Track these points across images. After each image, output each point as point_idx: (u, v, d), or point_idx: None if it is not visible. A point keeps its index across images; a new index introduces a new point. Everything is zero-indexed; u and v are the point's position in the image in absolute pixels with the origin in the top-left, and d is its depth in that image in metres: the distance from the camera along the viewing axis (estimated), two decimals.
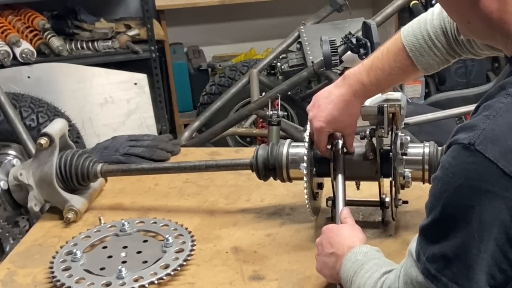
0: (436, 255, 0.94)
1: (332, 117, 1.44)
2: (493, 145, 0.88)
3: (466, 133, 0.91)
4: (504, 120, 0.90)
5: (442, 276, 0.93)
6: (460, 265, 0.92)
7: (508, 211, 0.88)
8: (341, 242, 1.26)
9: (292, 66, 3.07)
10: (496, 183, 0.87)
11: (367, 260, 1.17)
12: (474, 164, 0.88)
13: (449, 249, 0.92)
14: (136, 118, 3.66)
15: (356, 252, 1.20)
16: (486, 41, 1.08)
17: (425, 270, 0.96)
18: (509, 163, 0.87)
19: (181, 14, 4.20)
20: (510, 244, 0.90)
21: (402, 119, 1.45)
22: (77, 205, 1.67)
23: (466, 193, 0.89)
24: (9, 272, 1.48)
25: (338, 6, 3.11)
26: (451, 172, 0.91)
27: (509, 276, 0.93)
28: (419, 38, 1.38)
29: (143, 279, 1.37)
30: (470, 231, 0.90)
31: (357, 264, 1.17)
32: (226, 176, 1.82)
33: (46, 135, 1.64)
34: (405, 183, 1.47)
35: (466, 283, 0.92)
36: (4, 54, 3.53)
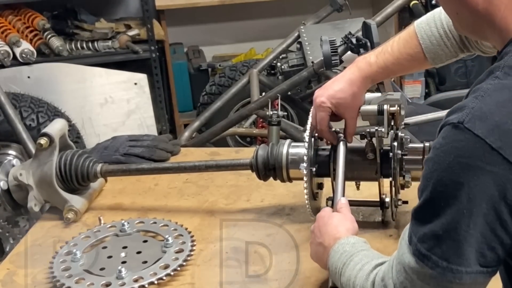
0: (426, 234, 0.94)
1: (334, 93, 1.44)
2: (481, 122, 0.89)
3: (456, 114, 0.93)
4: (492, 99, 0.91)
5: (433, 254, 0.93)
6: (450, 242, 0.92)
7: (496, 186, 0.89)
8: (327, 232, 1.25)
9: (292, 66, 3.07)
10: (484, 159, 0.88)
11: (355, 251, 1.16)
12: (463, 141, 0.90)
13: (439, 227, 0.93)
14: (136, 118, 3.66)
15: (343, 243, 1.19)
16: (476, 35, 1.09)
17: (416, 251, 0.96)
18: (496, 139, 0.88)
19: (181, 14, 4.20)
20: (499, 221, 0.90)
21: (402, 119, 1.45)
22: (77, 205, 1.67)
23: (455, 170, 0.90)
24: (9, 272, 1.48)
25: (338, 6, 3.11)
26: (441, 151, 0.92)
27: (498, 254, 0.93)
28: (432, 25, 1.40)
29: (143, 279, 1.37)
30: (460, 208, 0.90)
31: (346, 256, 1.16)
32: (226, 176, 1.82)
33: (46, 135, 1.64)
34: (405, 183, 1.47)
35: (455, 260, 0.92)
36: (4, 54, 3.53)
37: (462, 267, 0.92)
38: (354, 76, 1.45)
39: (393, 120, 1.43)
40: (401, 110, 1.43)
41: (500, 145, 0.88)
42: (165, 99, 3.96)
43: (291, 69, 3.05)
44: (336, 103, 1.44)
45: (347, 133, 1.48)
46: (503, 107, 0.90)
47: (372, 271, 1.09)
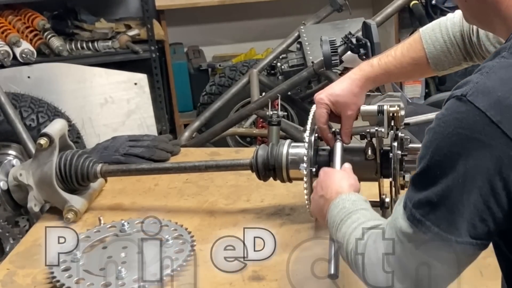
0: (422, 200, 0.96)
1: (333, 90, 1.47)
2: (483, 96, 0.91)
3: (461, 88, 0.95)
4: (496, 75, 0.93)
5: (426, 220, 0.95)
6: (443, 209, 0.94)
7: (493, 160, 0.90)
8: (330, 186, 1.26)
9: (292, 66, 3.06)
10: (483, 132, 0.90)
11: (355, 209, 1.17)
12: (464, 113, 0.92)
13: (434, 195, 0.94)
14: (136, 118, 3.66)
15: (344, 199, 1.20)
16: (483, 25, 1.10)
17: (410, 216, 0.98)
18: (497, 113, 0.90)
19: (181, 14, 4.20)
20: (493, 194, 0.92)
21: (402, 119, 1.45)
22: (77, 205, 1.67)
23: (454, 141, 0.92)
24: (9, 272, 1.48)
25: (338, 6, 3.11)
26: (442, 122, 0.94)
27: (489, 227, 0.94)
28: (437, 31, 1.42)
29: (143, 279, 1.37)
30: (455, 178, 0.92)
31: (344, 212, 1.17)
32: (226, 176, 1.82)
33: (46, 135, 1.64)
34: (405, 183, 1.47)
35: (447, 227, 0.94)
36: (4, 54, 3.53)
37: (452, 236, 0.94)
38: (354, 76, 1.47)
39: (393, 120, 1.43)
40: (401, 110, 1.43)
41: (500, 119, 0.90)
42: (165, 99, 3.96)
43: (291, 69, 3.05)
44: (334, 101, 1.46)
45: (342, 132, 1.49)
46: (506, 84, 0.91)
47: (367, 232, 1.10)
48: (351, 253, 1.09)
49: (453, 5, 4.20)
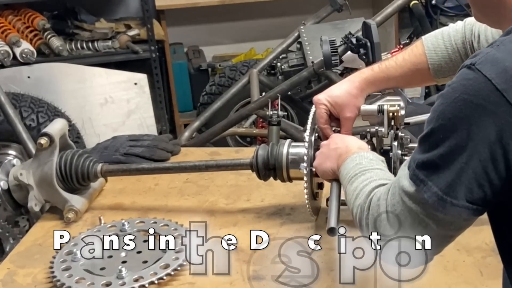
0: (425, 162, 1.00)
1: (331, 92, 1.48)
2: (491, 65, 0.94)
3: (472, 58, 0.98)
4: (505, 48, 0.96)
5: (428, 180, 0.99)
6: (445, 171, 0.97)
7: (495, 127, 0.93)
8: (349, 142, 1.33)
9: (292, 66, 3.06)
10: (488, 99, 0.93)
11: (370, 167, 1.21)
12: (472, 80, 0.95)
13: (437, 157, 0.98)
14: (136, 118, 3.66)
15: (362, 156, 1.25)
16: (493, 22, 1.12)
17: (413, 176, 1.01)
18: (503, 81, 0.93)
19: (181, 14, 4.20)
20: (492, 160, 0.94)
21: (402, 119, 1.45)
22: (77, 205, 1.67)
23: (460, 106, 0.95)
24: (9, 272, 1.48)
25: (338, 6, 3.11)
26: (451, 88, 0.97)
27: (485, 193, 0.97)
28: (439, 38, 1.44)
29: (143, 279, 1.37)
30: (458, 142, 0.95)
31: (360, 168, 1.22)
32: (226, 176, 1.82)
33: (46, 135, 1.64)
34: None
35: (445, 188, 0.97)
36: (4, 54, 3.53)
37: (449, 198, 0.97)
38: (354, 78, 1.49)
39: (393, 120, 1.43)
40: (401, 110, 1.43)
41: (505, 87, 0.92)
42: (165, 99, 3.96)
43: (291, 69, 3.05)
44: (332, 102, 1.47)
45: (342, 133, 1.49)
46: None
47: (374, 190, 1.14)
48: (358, 208, 1.14)
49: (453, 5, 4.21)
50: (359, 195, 1.16)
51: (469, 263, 1.40)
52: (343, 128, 1.49)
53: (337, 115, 1.48)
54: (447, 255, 1.39)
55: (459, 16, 4.25)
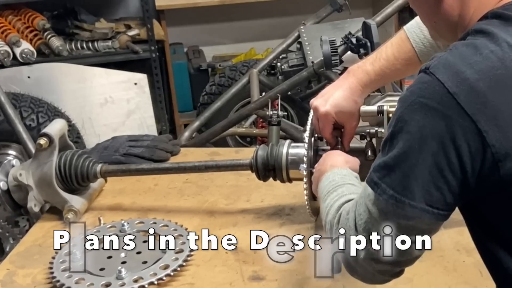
0: (380, 164, 1.01)
1: (337, 102, 1.46)
2: (444, 69, 0.97)
3: (428, 62, 1.00)
4: (457, 51, 0.99)
5: (382, 183, 0.99)
6: (398, 172, 0.98)
7: (447, 128, 0.95)
8: (327, 160, 1.31)
9: (292, 66, 3.06)
10: (441, 101, 0.95)
11: (342, 183, 1.21)
12: (426, 83, 0.97)
13: (391, 159, 0.99)
14: (136, 118, 3.66)
15: (335, 173, 1.24)
16: (450, 39, 1.13)
17: (369, 180, 1.02)
18: (453, 84, 0.95)
19: (181, 14, 4.20)
20: (447, 161, 0.95)
21: None
22: (76, 206, 1.67)
23: (414, 108, 0.97)
24: (9, 273, 1.48)
25: (338, 6, 3.11)
26: (408, 92, 1.00)
27: (445, 196, 0.97)
28: (423, 29, 1.43)
29: (143, 279, 1.37)
30: (411, 143, 0.97)
31: (332, 185, 1.21)
32: (226, 176, 1.82)
33: (45, 135, 1.64)
34: None
35: (401, 190, 0.98)
36: (4, 54, 3.53)
37: (405, 199, 0.97)
38: (353, 85, 1.47)
39: None
40: None
41: (456, 91, 0.95)
42: (165, 99, 3.96)
43: (291, 69, 3.05)
44: (339, 113, 1.46)
45: (345, 140, 1.50)
46: (465, 59, 0.97)
47: (343, 204, 1.13)
48: (328, 224, 1.13)
49: None
50: (330, 211, 1.14)
51: (469, 263, 1.39)
52: (347, 136, 1.50)
53: (342, 123, 1.49)
54: (447, 256, 1.39)
55: None
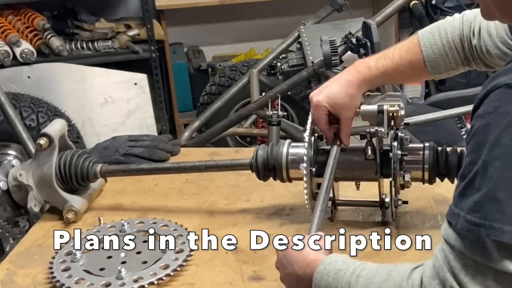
0: (478, 202, 0.87)
1: (330, 92, 1.45)
2: None
3: (505, 76, 0.90)
4: None
5: (489, 221, 0.86)
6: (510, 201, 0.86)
7: None
8: (294, 258, 1.15)
9: (292, 66, 3.07)
10: None
11: (356, 266, 1.06)
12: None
13: (498, 191, 0.86)
14: (136, 118, 3.66)
15: (331, 262, 1.09)
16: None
17: (466, 224, 0.88)
18: None
19: (181, 14, 4.20)
20: None
21: (402, 119, 1.45)
22: (77, 206, 1.67)
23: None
24: (9, 272, 1.48)
25: (338, 6, 3.11)
26: (497, 113, 0.88)
27: None
28: (436, 34, 1.41)
29: (143, 279, 1.37)
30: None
31: (347, 274, 1.05)
32: (226, 176, 1.82)
33: (45, 135, 1.64)
34: (405, 183, 1.47)
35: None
36: (4, 54, 3.53)
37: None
38: (352, 77, 1.46)
39: (393, 120, 1.43)
40: (401, 110, 1.43)
41: None
42: (165, 99, 3.96)
43: (291, 69, 3.05)
44: (332, 103, 1.45)
45: (342, 133, 1.49)
46: None
47: (410, 276, 0.98)
48: None
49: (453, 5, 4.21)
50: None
51: None
52: (343, 129, 1.48)
53: (337, 115, 1.48)
54: None
55: None
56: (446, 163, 1.46)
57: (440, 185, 1.52)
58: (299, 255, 1.15)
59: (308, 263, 1.12)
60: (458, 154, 1.46)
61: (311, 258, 1.12)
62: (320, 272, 1.08)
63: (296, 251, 1.15)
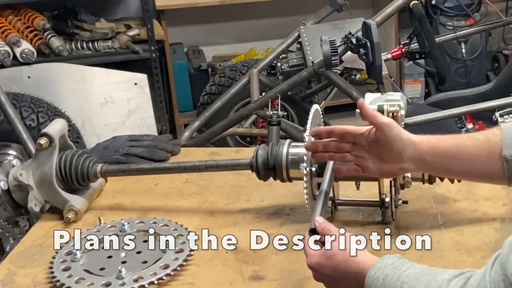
0: None
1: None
2: None
3: None
4: None
5: None
6: None
7: None
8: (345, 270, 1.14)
9: (292, 66, 3.07)
10: None
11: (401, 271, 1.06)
12: None
13: None
14: (136, 118, 3.66)
15: (382, 267, 1.09)
16: None
17: None
18: None
19: (181, 14, 4.20)
20: None
21: (402, 119, 1.45)
22: (77, 205, 1.67)
23: None
24: (9, 272, 1.48)
25: (338, 6, 3.11)
26: None
27: None
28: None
29: (143, 279, 1.37)
30: None
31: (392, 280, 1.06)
32: (226, 176, 1.82)
33: (45, 135, 1.64)
34: (405, 183, 1.47)
35: None
36: (4, 54, 3.53)
37: None
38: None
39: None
40: (401, 110, 1.43)
41: None
42: (165, 99, 3.97)
43: (291, 69, 3.06)
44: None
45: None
46: None
47: (449, 283, 0.98)
48: None
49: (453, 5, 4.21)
50: None
51: (469, 263, 1.39)
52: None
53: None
54: (447, 256, 1.39)
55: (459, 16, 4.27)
56: None
57: (440, 185, 1.52)
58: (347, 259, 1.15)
59: (357, 267, 1.13)
60: None
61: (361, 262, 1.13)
62: (371, 276, 1.09)
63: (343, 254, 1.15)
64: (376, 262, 1.11)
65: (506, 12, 4.16)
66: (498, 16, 3.69)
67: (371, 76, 2.55)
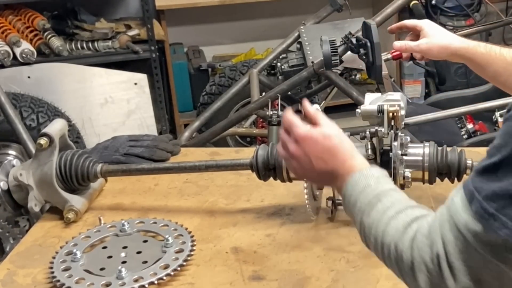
0: (496, 192, 0.83)
1: None
2: None
3: None
4: None
5: (502, 215, 0.82)
6: None
7: None
8: (337, 156, 1.10)
9: (292, 66, 3.07)
10: None
11: (383, 190, 1.04)
12: None
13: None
14: (136, 118, 3.66)
15: (366, 176, 1.06)
16: None
17: (480, 210, 0.84)
18: None
19: (181, 14, 4.20)
20: None
21: (402, 119, 1.45)
22: (77, 205, 1.67)
23: None
24: (9, 272, 1.48)
25: (338, 6, 3.11)
26: None
27: None
28: None
29: (143, 279, 1.37)
30: None
31: (371, 193, 1.04)
32: (226, 176, 1.82)
33: (45, 135, 1.64)
34: (405, 183, 1.47)
35: None
36: (4, 54, 3.53)
37: None
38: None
39: (393, 120, 1.43)
40: (401, 110, 1.43)
41: None
42: (165, 99, 3.96)
43: (291, 69, 3.05)
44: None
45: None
46: None
47: (410, 224, 0.96)
48: (391, 246, 0.96)
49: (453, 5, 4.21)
50: (388, 231, 0.98)
51: None
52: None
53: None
54: None
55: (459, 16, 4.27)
56: (446, 163, 1.46)
57: (440, 185, 1.52)
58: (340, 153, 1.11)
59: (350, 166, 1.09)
60: (458, 154, 1.46)
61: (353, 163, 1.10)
62: (355, 179, 1.07)
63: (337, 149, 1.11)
64: (363, 169, 1.08)
65: (506, 12, 4.16)
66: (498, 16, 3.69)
67: (371, 76, 2.55)
